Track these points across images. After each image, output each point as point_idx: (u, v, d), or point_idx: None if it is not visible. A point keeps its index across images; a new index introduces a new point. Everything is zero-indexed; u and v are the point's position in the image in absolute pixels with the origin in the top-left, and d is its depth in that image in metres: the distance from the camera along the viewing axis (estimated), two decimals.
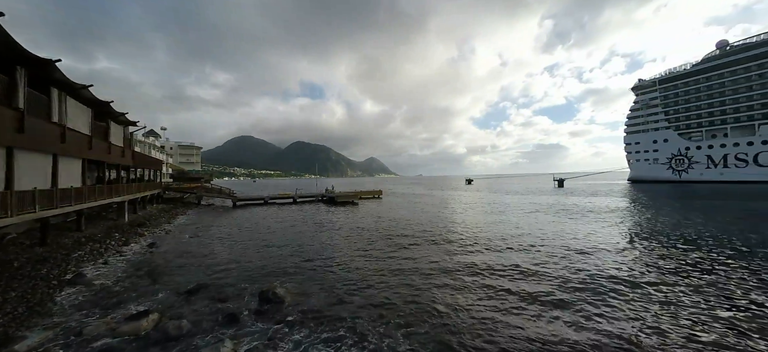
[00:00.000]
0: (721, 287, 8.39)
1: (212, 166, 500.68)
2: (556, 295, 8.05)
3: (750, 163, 57.30)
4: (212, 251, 13.43)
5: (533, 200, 34.37)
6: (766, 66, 56.37)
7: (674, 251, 12.02)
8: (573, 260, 11.04)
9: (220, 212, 28.81)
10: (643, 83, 74.62)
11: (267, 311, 7.31)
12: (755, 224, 16.98)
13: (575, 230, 16.65)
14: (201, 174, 53.20)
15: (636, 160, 73.99)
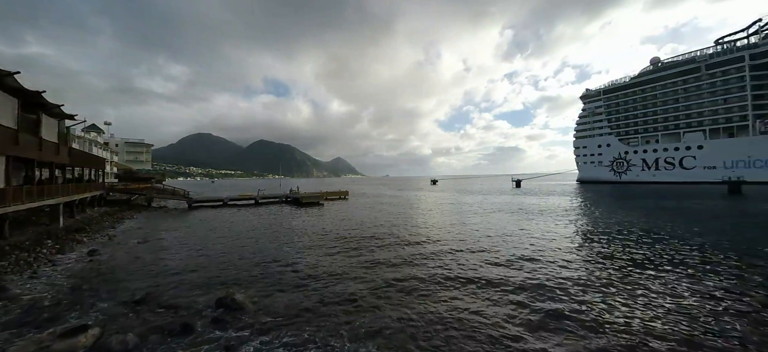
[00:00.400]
0: (662, 278, 9.41)
1: (165, 166, 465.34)
2: (521, 293, 8.52)
3: (676, 166, 64.90)
4: (164, 257, 12.51)
5: (494, 200, 36.10)
6: (688, 81, 64.20)
7: (616, 244, 13.27)
8: (531, 258, 11.75)
9: (173, 214, 26.88)
10: (589, 93, 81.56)
11: (225, 319, 6.96)
12: (674, 218, 19.27)
13: (533, 228, 17.76)
14: (152, 174, 49.18)
15: (583, 163, 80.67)
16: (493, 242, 14.23)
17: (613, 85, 76.68)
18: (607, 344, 5.79)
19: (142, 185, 37.15)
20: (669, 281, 8.90)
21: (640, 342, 5.85)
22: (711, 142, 60.72)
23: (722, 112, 60.04)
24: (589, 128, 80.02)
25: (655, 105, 68.76)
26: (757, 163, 54.62)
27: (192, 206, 33.35)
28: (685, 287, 8.43)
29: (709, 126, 61.44)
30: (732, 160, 57.13)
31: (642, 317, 6.83)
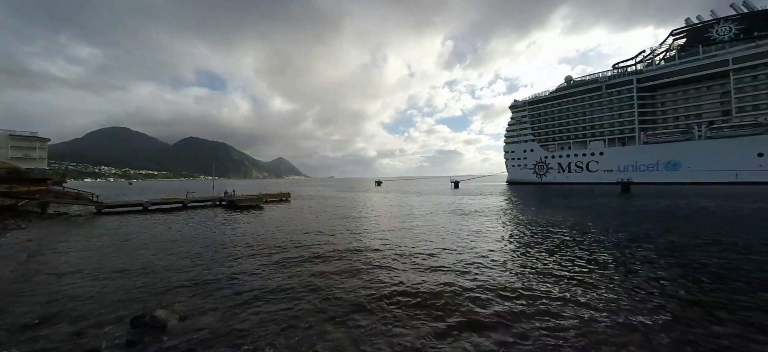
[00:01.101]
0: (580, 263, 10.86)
1: (67, 164, 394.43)
2: (463, 294, 9.10)
3: (584, 169, 75.64)
4: (64, 273, 10.67)
5: (436, 200, 38.00)
6: (593, 98, 75.35)
7: (542, 237, 14.98)
8: (468, 254, 12.63)
9: (77, 223, 23.03)
10: (516, 104, 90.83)
11: (142, 341, 6.22)
12: (587, 212, 22.53)
13: (469, 225, 19.11)
14: (48, 174, 41.36)
15: (512, 166, 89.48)
16: (436, 246, 14.98)
17: (535, 98, 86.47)
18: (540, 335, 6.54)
19: (34, 187, 31.04)
20: (602, 270, 10.36)
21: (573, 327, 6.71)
22: (609, 149, 72.07)
23: (617, 124, 71.69)
24: (516, 135, 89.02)
25: (568, 117, 79.35)
26: (641, 168, 66.33)
27: (102, 211, 28.92)
28: (606, 274, 9.91)
29: (607, 136, 72.86)
30: (624, 165, 68.45)
31: (568, 298, 7.85)
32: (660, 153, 64.95)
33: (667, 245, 13.34)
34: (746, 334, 6.12)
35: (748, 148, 55.74)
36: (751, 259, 11.05)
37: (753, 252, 11.89)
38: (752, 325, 6.45)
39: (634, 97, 68.99)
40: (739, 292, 8.18)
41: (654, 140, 66.52)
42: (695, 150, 61.10)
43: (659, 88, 68.09)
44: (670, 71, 66.45)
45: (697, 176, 59.36)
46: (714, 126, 60.97)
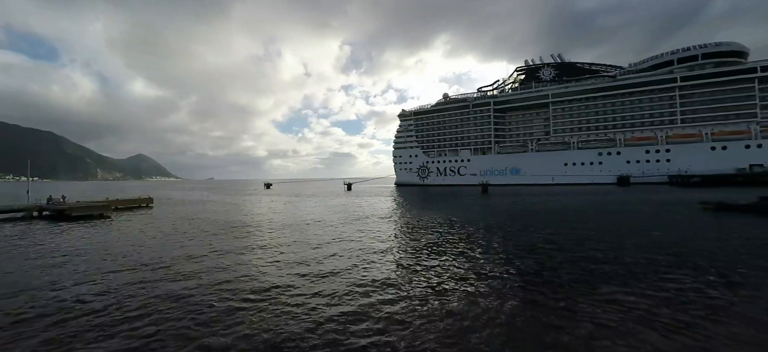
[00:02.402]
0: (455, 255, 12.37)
1: None
2: (364, 294, 9.15)
3: (456, 173, 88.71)
4: None
5: (329, 203, 37.83)
6: (463, 114, 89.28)
7: (424, 231, 16.62)
8: (362, 254, 12.95)
9: None
10: (404, 113, 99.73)
11: None
12: (464, 208, 26.37)
13: (364, 226, 19.69)
14: None
15: (399, 169, 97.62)
16: (323, 252, 14.86)
17: (420, 110, 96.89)
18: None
19: None
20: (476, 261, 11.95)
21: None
22: (474, 157, 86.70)
23: (480, 137, 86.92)
24: (403, 141, 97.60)
25: (445, 128, 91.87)
26: (495, 172, 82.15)
27: None
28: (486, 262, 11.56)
29: (473, 146, 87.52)
30: (484, 170, 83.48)
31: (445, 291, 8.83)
32: (508, 161, 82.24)
33: (515, 230, 16.86)
34: (575, 294, 8.25)
35: (559, 159, 76.55)
36: (562, 233, 15.03)
37: (564, 227, 16.21)
38: (576, 282, 8.75)
39: (492, 116, 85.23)
40: (565, 259, 11.00)
41: (504, 151, 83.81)
42: (529, 159, 79.98)
43: (507, 110, 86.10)
44: (514, 99, 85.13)
45: (531, 179, 77.53)
46: (540, 142, 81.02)
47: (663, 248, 12.89)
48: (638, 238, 14.84)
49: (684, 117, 68.12)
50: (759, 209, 20.26)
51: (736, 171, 57.95)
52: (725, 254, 11.72)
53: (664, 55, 73.01)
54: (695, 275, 9.60)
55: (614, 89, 74.57)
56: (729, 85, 64.87)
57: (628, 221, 19.78)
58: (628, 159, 71.22)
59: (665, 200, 32.08)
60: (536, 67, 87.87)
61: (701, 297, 7.93)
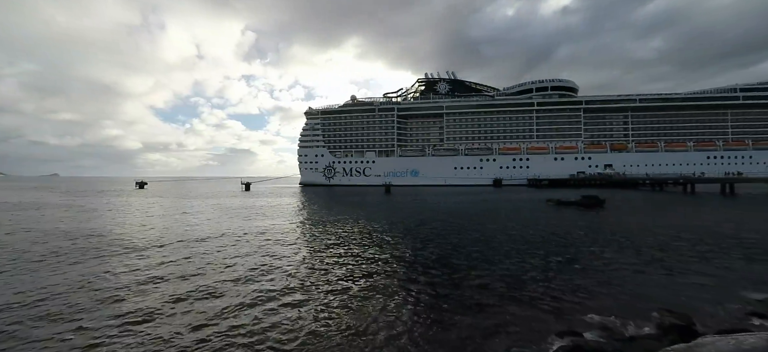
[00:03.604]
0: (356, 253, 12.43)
1: None
2: (253, 297, 8.24)
3: (361, 174, 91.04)
4: None
5: (223, 204, 33.74)
6: (369, 117, 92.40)
7: (329, 233, 16.35)
8: (255, 258, 11.87)
9: None
10: (311, 111, 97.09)
11: None
12: (368, 208, 27.03)
13: (260, 227, 18.16)
14: None
15: (305, 169, 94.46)
16: (215, 264, 13.18)
17: (328, 109, 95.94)
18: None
19: None
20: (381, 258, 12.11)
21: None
22: (379, 159, 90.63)
23: (384, 140, 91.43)
24: (310, 140, 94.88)
25: (352, 129, 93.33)
26: (397, 174, 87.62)
27: None
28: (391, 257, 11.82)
29: (378, 148, 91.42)
30: (388, 171, 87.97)
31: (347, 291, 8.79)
32: (408, 163, 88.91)
33: (415, 224, 18.24)
34: (468, 277, 9.28)
35: (450, 164, 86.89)
36: (453, 224, 17.02)
37: (455, 220, 18.37)
38: (465, 262, 9.89)
39: (395, 121, 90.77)
40: (456, 244, 12.36)
41: (405, 154, 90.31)
42: (426, 163, 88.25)
43: (409, 117, 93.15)
44: (415, 107, 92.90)
45: (427, 180, 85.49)
46: (435, 148, 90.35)
47: (523, 231, 16.00)
48: (507, 225, 18.03)
49: (538, 134, 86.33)
50: (582, 204, 27.25)
51: (570, 176, 76.24)
52: (563, 233, 15.30)
53: (526, 84, 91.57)
54: (546, 247, 12.25)
55: (492, 107, 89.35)
56: (566, 112, 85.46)
57: (500, 214, 23.85)
58: (501, 165, 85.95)
59: (525, 197, 39.88)
60: (434, 80, 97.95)
61: (550, 261, 10.17)
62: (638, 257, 11.23)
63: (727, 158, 79.68)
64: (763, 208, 26.47)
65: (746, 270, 9.62)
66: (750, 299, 7.35)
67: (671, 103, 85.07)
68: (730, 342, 3.63)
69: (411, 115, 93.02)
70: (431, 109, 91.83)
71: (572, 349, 4.79)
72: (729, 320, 6.17)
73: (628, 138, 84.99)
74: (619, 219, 20.73)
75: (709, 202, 31.91)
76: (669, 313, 6.32)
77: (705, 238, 14.13)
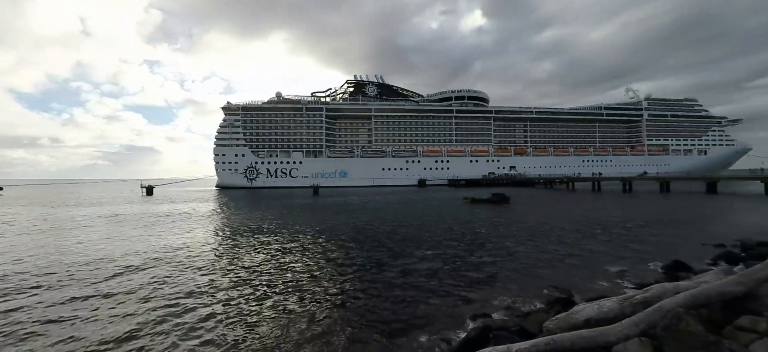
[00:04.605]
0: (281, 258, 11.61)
1: None
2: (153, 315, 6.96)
3: (287, 175, 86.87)
4: None
5: (112, 213, 28.40)
6: (296, 116, 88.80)
7: (254, 238, 15.01)
8: (159, 271, 10.25)
9: None
10: (231, 106, 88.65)
11: None
12: (290, 211, 25.71)
13: (158, 241, 15.77)
14: None
15: (222, 170, 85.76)
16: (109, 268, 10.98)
17: (250, 105, 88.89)
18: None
19: None
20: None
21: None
22: (306, 159, 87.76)
23: (312, 140, 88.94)
24: (228, 138, 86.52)
25: (277, 128, 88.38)
26: (326, 175, 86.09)
27: None
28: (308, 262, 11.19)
29: (305, 148, 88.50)
30: (316, 173, 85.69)
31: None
32: (337, 165, 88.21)
33: (343, 224, 18.04)
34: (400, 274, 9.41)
35: (379, 165, 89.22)
36: (383, 221, 17.37)
37: (384, 217, 18.78)
38: (394, 255, 10.05)
39: (324, 121, 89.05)
40: (384, 240, 12.52)
41: (334, 155, 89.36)
42: (355, 164, 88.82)
43: (338, 118, 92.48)
44: (344, 108, 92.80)
45: (356, 181, 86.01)
46: (364, 149, 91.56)
47: (443, 227, 17.28)
48: (429, 222, 19.25)
49: (457, 138, 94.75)
50: (492, 201, 30.72)
51: (483, 176, 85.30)
52: (476, 227, 16.97)
53: (447, 92, 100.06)
54: (462, 240, 13.40)
55: (417, 112, 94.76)
56: (480, 120, 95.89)
57: (424, 211, 25.35)
58: (425, 166, 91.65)
59: (445, 196, 43.20)
60: (363, 83, 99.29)
61: (465, 253, 11.15)
62: (534, 244, 13.15)
63: (596, 162, 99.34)
64: (617, 200, 33.61)
65: (608, 248, 12.08)
66: (610, 271, 9.24)
67: (558, 116, 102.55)
68: (594, 307, 4.51)
69: (340, 116, 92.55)
70: (361, 111, 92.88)
71: (483, 329, 5.31)
72: (596, 290, 7.66)
73: (527, 144, 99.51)
74: (520, 213, 23.96)
75: (584, 196, 39.19)
76: (555, 289, 7.55)
77: (580, 224, 17.33)
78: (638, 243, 12.87)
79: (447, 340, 5.56)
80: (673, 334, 3.48)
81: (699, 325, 3.57)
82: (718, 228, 15.54)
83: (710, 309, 4.12)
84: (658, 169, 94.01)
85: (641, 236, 14.26)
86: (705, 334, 3.40)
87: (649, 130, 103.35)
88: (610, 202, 31.81)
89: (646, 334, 3.71)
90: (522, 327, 5.26)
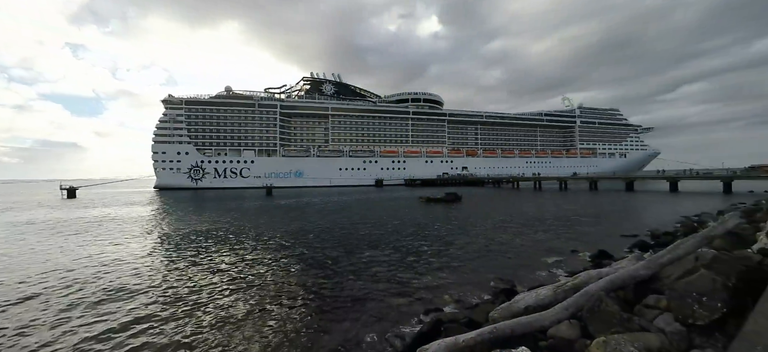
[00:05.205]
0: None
1: None
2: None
3: (238, 175, 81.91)
4: None
5: (25, 220, 24.43)
6: (248, 112, 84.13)
7: (201, 245, 13.81)
8: (89, 287, 9.00)
9: None
10: (173, 99, 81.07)
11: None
12: (245, 214, 24.23)
13: (90, 252, 13.90)
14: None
15: (162, 169, 78.09)
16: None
17: (195, 99, 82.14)
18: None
19: None
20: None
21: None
22: (258, 159, 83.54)
23: (265, 138, 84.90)
24: (170, 134, 79.05)
25: (227, 125, 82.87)
26: (280, 175, 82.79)
27: None
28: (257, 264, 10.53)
29: (258, 147, 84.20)
30: (269, 172, 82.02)
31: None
32: (292, 164, 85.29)
33: (299, 224, 17.45)
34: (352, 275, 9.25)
35: (336, 165, 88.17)
36: (340, 220, 17.15)
37: (342, 216, 18.52)
38: (352, 251, 9.89)
39: (278, 119, 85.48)
40: (341, 238, 12.32)
41: (289, 154, 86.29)
42: (311, 164, 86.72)
43: (293, 116, 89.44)
44: (300, 106, 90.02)
45: (313, 181, 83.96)
46: (321, 148, 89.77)
47: (399, 226, 17.60)
48: (386, 221, 19.47)
49: (413, 139, 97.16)
50: (445, 200, 32.01)
51: (437, 176, 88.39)
52: (430, 225, 17.54)
53: (404, 94, 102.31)
54: (417, 238, 13.76)
55: (375, 113, 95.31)
56: (435, 122, 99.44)
57: (381, 211, 25.57)
58: (382, 166, 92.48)
59: (402, 196, 44.04)
60: (320, 81, 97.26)
61: (419, 250, 11.46)
62: (482, 239, 13.97)
63: (537, 163, 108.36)
64: (555, 197, 37.06)
65: (545, 241, 13.27)
66: (547, 262, 10.16)
67: (505, 121, 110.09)
68: (533, 295, 4.94)
69: (295, 114, 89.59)
70: (317, 109, 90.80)
71: (435, 323, 5.52)
72: (535, 279, 8.37)
73: (478, 146, 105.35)
74: (470, 211, 25.28)
75: (527, 195, 42.56)
76: (500, 280, 8.11)
77: (524, 220, 18.80)
78: (571, 236, 14.33)
79: (401, 336, 5.68)
80: (596, 314, 3.94)
81: (616, 305, 4.08)
82: (635, 221, 17.90)
83: (625, 291, 4.74)
84: (588, 170, 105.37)
85: (574, 230, 15.89)
86: (620, 313, 3.90)
87: (581, 136, 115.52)
88: (548, 200, 34.91)
89: (574, 316, 4.15)
90: (470, 318, 5.56)
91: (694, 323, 3.47)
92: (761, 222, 7.33)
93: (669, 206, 25.71)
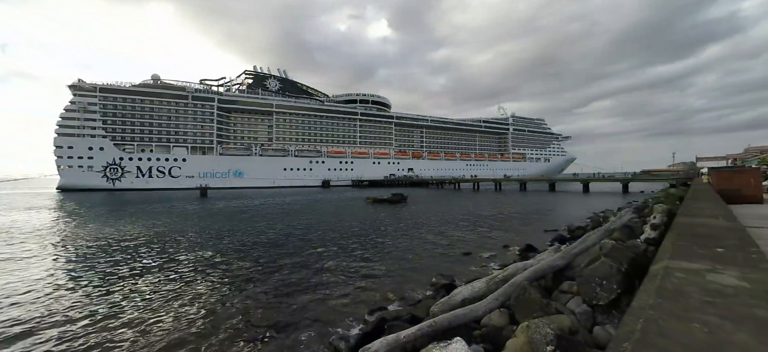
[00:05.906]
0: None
1: None
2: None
3: (166, 175, 73.53)
4: None
5: None
6: (179, 105, 76.10)
7: (111, 258, 11.93)
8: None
9: None
10: (83, 85, 69.69)
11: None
12: (168, 218, 21.73)
13: None
14: None
15: (68, 166, 66.64)
16: None
17: (113, 87, 71.77)
18: None
19: None
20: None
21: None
22: (191, 157, 76.01)
23: (200, 135, 77.63)
24: (79, 125, 67.77)
25: (153, 117, 73.90)
26: (217, 175, 76.49)
27: None
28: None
29: (191, 144, 76.60)
30: (204, 172, 75.24)
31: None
32: (231, 163, 79.15)
33: (239, 228, 16.21)
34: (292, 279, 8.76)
35: (280, 165, 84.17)
36: (286, 223, 16.34)
37: (287, 219, 17.66)
38: (298, 255, 9.40)
39: (215, 114, 78.77)
40: (286, 240, 11.68)
41: (227, 153, 79.90)
42: (253, 163, 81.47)
43: (233, 111, 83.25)
44: (241, 101, 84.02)
45: (254, 182, 79.09)
46: (263, 147, 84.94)
47: (346, 227, 17.47)
48: (333, 222, 19.19)
49: (361, 140, 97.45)
50: (391, 200, 32.67)
51: (384, 177, 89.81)
52: (376, 226, 17.72)
53: (352, 95, 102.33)
54: (363, 239, 13.78)
55: (323, 112, 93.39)
56: (382, 124, 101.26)
57: (327, 212, 25.11)
58: (329, 167, 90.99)
59: (349, 196, 43.83)
60: (264, 75, 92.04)
61: (365, 251, 11.49)
62: (425, 238, 14.57)
63: (476, 166, 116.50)
64: (491, 197, 40.26)
65: (482, 237, 14.32)
66: (483, 257, 10.97)
67: (448, 125, 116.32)
68: (469, 288, 5.30)
69: (236, 109, 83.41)
70: (261, 105, 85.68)
71: (379, 321, 5.58)
72: (472, 273, 8.97)
73: (423, 148, 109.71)
74: (415, 211, 26.18)
75: (467, 195, 45.48)
76: (441, 276, 8.51)
77: (463, 218, 20.06)
78: (504, 232, 15.68)
79: (345, 337, 5.64)
80: (521, 302, 4.36)
81: (537, 293, 4.57)
82: (555, 217, 20.25)
83: (545, 279, 5.33)
84: (519, 172, 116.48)
85: (506, 226, 17.42)
86: (540, 299, 4.37)
87: (514, 142, 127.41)
88: (485, 199, 37.75)
89: (504, 305, 4.54)
90: (413, 315, 5.74)
91: (597, 304, 4.04)
92: (647, 216, 8.83)
93: (582, 204, 29.60)
